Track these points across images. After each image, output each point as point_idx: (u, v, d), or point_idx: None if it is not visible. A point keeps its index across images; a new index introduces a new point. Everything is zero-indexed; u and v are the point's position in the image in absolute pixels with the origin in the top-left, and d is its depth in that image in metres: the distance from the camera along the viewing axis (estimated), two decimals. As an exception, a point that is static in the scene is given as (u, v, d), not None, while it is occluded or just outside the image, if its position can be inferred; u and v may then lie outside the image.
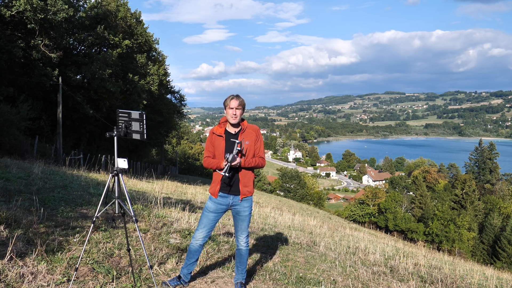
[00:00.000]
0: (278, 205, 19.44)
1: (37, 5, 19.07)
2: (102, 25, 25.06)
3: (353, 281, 4.16)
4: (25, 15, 19.27)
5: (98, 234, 4.44)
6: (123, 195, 3.32)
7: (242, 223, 3.42)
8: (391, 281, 4.31)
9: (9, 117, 16.30)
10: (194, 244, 3.43)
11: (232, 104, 3.22)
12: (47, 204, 5.49)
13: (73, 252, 3.74)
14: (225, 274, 3.93)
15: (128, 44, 26.39)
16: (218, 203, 3.36)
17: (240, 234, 3.45)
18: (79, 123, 25.34)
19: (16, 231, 3.88)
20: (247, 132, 3.34)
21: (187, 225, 5.56)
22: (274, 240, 5.78)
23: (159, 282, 3.48)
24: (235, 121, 3.26)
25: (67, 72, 22.71)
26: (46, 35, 21.13)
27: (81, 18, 24.66)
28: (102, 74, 23.18)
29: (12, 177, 7.19)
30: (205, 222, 3.40)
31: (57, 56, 21.49)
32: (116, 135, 3.17)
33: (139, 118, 3.20)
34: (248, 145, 3.30)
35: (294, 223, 8.86)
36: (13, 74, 20.22)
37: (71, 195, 6.58)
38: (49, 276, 3.14)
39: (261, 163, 3.36)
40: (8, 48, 18.99)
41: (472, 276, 5.00)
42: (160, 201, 6.59)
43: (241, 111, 3.26)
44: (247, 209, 3.40)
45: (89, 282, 3.20)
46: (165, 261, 4.00)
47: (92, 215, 5.28)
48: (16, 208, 4.74)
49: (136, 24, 28.96)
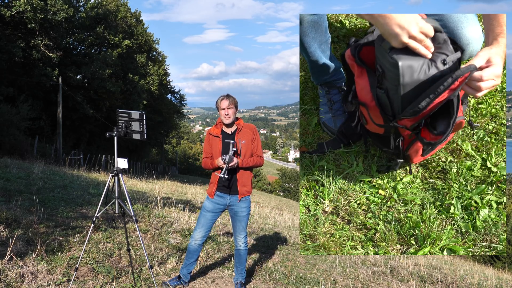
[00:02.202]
0: (278, 205, 19.44)
1: (37, 5, 19.08)
2: (102, 25, 25.07)
3: (353, 281, 4.16)
4: (25, 15, 19.28)
5: (98, 234, 4.44)
6: (123, 195, 3.32)
7: (240, 223, 3.42)
8: (391, 281, 4.32)
9: (9, 117, 16.31)
10: (192, 244, 3.43)
11: (223, 104, 3.22)
12: (47, 204, 5.49)
13: (73, 252, 3.74)
14: (225, 274, 3.93)
15: (128, 44, 26.40)
16: (215, 203, 3.36)
17: (239, 235, 3.45)
18: (79, 123, 25.34)
19: (16, 231, 3.88)
20: (244, 132, 3.34)
21: (187, 225, 5.56)
22: (274, 240, 5.79)
23: (159, 282, 3.48)
24: (229, 120, 3.26)
25: (67, 72, 22.71)
26: (46, 35, 21.14)
27: (81, 18, 24.67)
28: (102, 74, 23.19)
29: (12, 177, 7.19)
30: (202, 222, 3.40)
31: (57, 56, 21.50)
32: (116, 135, 3.17)
33: (139, 118, 3.20)
34: (245, 144, 3.30)
35: (294, 223, 8.86)
36: (13, 74, 20.22)
37: (71, 195, 6.59)
38: (49, 276, 3.14)
39: (259, 162, 3.37)
40: (8, 48, 18.99)
41: (472, 276, 5.00)
42: (160, 201, 6.59)
43: (234, 109, 3.26)
44: (245, 210, 3.40)
45: (89, 282, 3.21)
46: (165, 261, 4.00)
47: (92, 215, 5.28)
48: (16, 208, 4.74)
49: (136, 24, 28.97)
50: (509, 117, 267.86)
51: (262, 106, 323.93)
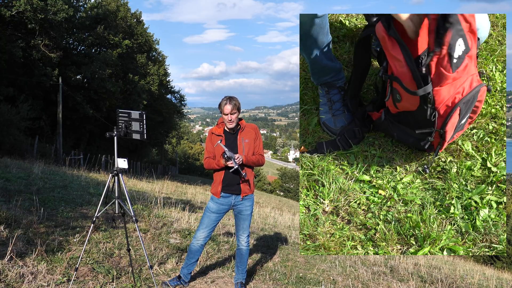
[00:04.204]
0: (278, 205, 19.45)
1: (37, 5, 19.08)
2: (102, 25, 25.07)
3: (353, 281, 4.16)
4: (25, 15, 19.28)
5: (98, 234, 4.44)
6: (123, 195, 3.32)
7: (244, 222, 3.42)
8: (391, 281, 4.32)
9: (9, 117, 16.31)
10: (194, 244, 3.43)
11: (226, 109, 3.20)
12: (47, 204, 5.49)
13: (73, 252, 3.74)
14: (225, 274, 3.93)
15: (128, 44, 26.40)
16: (220, 204, 3.36)
17: (242, 234, 3.45)
18: (79, 123, 25.34)
19: (16, 231, 3.88)
20: (246, 131, 3.36)
21: (187, 225, 5.57)
22: (274, 240, 5.79)
23: (159, 282, 3.48)
24: (232, 125, 3.27)
25: (67, 72, 22.72)
26: (46, 35, 21.14)
27: (81, 18, 24.68)
28: (102, 74, 23.20)
29: (12, 177, 7.19)
30: (206, 223, 3.40)
31: (57, 56, 21.51)
32: (116, 135, 3.17)
33: (139, 118, 3.20)
34: (247, 143, 3.32)
35: (294, 223, 8.86)
36: (13, 74, 20.22)
37: (71, 195, 6.59)
38: (49, 276, 3.14)
39: (261, 160, 3.39)
40: (8, 48, 19.00)
41: (472, 276, 5.00)
42: (160, 201, 6.59)
43: (237, 114, 3.25)
44: (249, 208, 3.41)
45: (89, 282, 3.21)
46: (165, 261, 4.00)
47: (92, 215, 5.28)
48: (16, 208, 4.74)
49: (136, 24, 28.98)
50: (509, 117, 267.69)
51: (262, 106, 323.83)
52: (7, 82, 19.76)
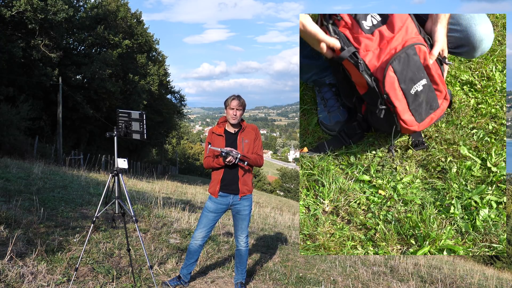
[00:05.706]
0: (278, 205, 19.44)
1: (37, 5, 19.09)
2: (102, 25, 25.07)
3: (353, 281, 4.16)
4: (25, 15, 19.29)
5: (98, 234, 4.44)
6: (123, 195, 3.32)
7: (242, 222, 3.42)
8: (391, 281, 4.32)
9: (9, 117, 16.31)
10: (193, 244, 3.43)
11: (233, 104, 3.24)
12: (47, 204, 5.49)
13: (73, 252, 3.74)
14: (225, 274, 3.93)
15: (128, 44, 26.40)
16: (218, 203, 3.36)
17: (240, 234, 3.45)
18: (79, 123, 25.35)
19: (16, 231, 3.88)
20: (247, 131, 3.37)
21: (187, 225, 5.57)
22: (274, 240, 5.79)
23: (159, 282, 3.49)
24: (235, 121, 3.28)
25: (67, 72, 22.72)
26: (46, 35, 21.15)
27: (81, 18, 24.68)
28: (102, 74, 23.21)
29: (12, 177, 7.19)
30: (204, 222, 3.40)
31: (57, 56, 21.51)
32: (116, 135, 3.17)
33: (139, 118, 3.20)
34: (247, 143, 3.34)
35: (294, 223, 8.86)
36: (13, 74, 20.23)
37: (71, 195, 6.59)
38: (49, 276, 3.14)
39: (259, 161, 3.39)
40: (8, 48, 19.01)
41: (472, 276, 5.00)
42: (160, 201, 6.59)
43: (242, 111, 3.29)
44: (247, 208, 3.41)
45: (89, 282, 3.21)
46: (165, 261, 4.01)
47: (92, 215, 5.28)
48: (16, 208, 4.75)
49: (136, 24, 28.98)
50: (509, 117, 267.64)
51: (262, 106, 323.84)
52: (7, 82, 19.77)
